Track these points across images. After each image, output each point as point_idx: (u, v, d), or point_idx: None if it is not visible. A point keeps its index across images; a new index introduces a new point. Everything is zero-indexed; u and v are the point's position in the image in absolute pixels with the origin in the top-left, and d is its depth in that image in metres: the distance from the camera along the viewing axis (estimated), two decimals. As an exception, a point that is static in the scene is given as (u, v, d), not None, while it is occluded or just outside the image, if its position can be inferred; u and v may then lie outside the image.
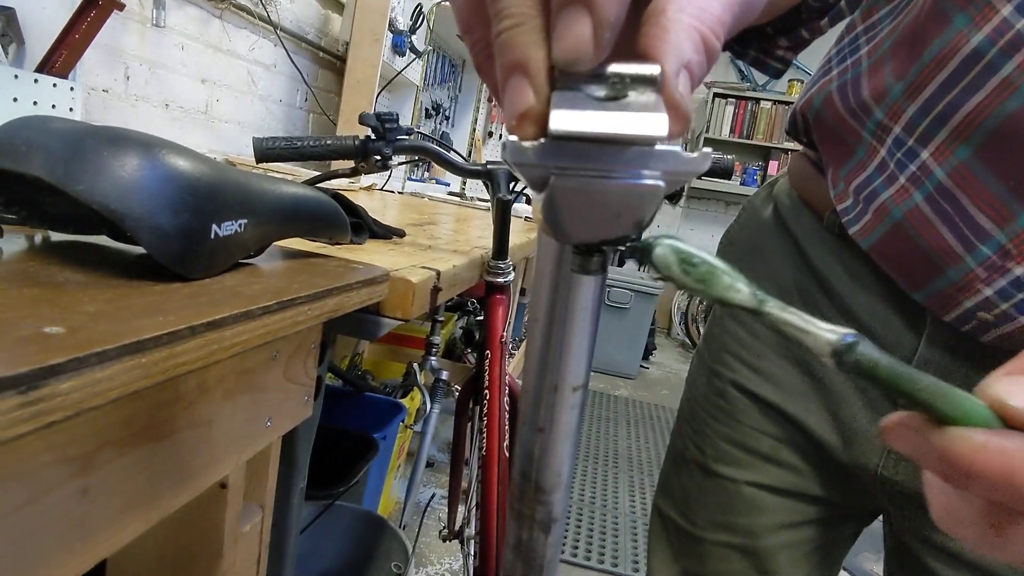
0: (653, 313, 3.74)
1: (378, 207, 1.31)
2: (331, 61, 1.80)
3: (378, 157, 0.78)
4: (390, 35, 1.68)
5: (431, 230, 1.00)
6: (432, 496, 1.72)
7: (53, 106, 0.76)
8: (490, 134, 2.89)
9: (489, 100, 2.83)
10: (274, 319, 0.36)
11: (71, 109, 0.78)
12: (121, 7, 0.77)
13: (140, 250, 0.42)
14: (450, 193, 2.40)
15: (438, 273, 0.63)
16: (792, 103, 0.63)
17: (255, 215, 0.43)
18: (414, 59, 1.87)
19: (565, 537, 1.77)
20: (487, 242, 0.92)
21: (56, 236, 0.43)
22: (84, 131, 0.35)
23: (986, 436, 0.17)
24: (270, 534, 0.50)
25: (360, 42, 1.62)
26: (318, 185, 0.84)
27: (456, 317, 2.24)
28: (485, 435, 0.82)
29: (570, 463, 0.24)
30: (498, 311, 0.86)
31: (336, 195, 0.71)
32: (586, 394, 0.23)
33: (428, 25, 1.94)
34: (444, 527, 1.16)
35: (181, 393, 0.32)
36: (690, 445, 0.57)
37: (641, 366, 3.75)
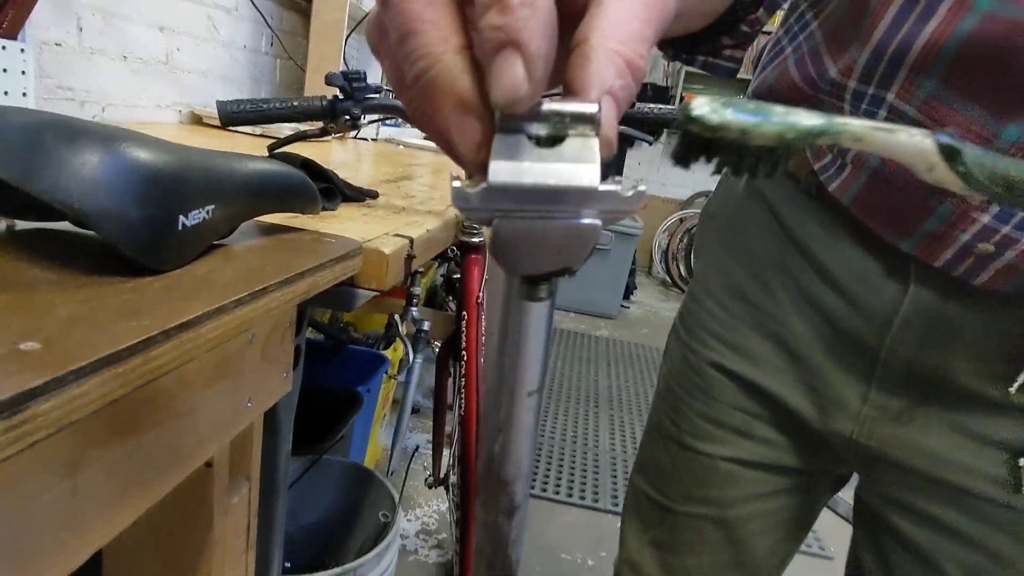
0: (634, 253, 3.77)
1: (351, 160, 1.29)
2: (296, 2, 1.73)
3: (347, 117, 0.77)
4: (357, -26, 1.61)
5: (405, 186, 1.00)
6: (417, 447, 1.77)
7: (5, 70, 0.73)
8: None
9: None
10: (247, 309, 0.37)
11: (23, 72, 0.75)
12: (68, -38, 0.73)
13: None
14: (425, 136, 2.36)
15: (411, 241, 0.63)
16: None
17: (223, 198, 0.43)
18: (383, -1, 1.80)
19: (547, 475, 1.84)
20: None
21: (20, 224, 0.43)
22: (42, 125, 0.35)
23: None
24: (258, 500, 0.52)
25: (325, -16, 1.55)
26: (286, 148, 0.83)
27: (436, 265, 2.25)
28: (464, 394, 0.84)
29: (528, 457, 0.26)
30: (473, 271, 0.87)
31: (305, 162, 0.71)
32: (541, 397, 0.24)
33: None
34: (430, 475, 1.20)
35: (161, 388, 0.33)
36: (666, 420, 0.58)
37: (622, 306, 3.81)
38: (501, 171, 0.17)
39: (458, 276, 1.02)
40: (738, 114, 0.19)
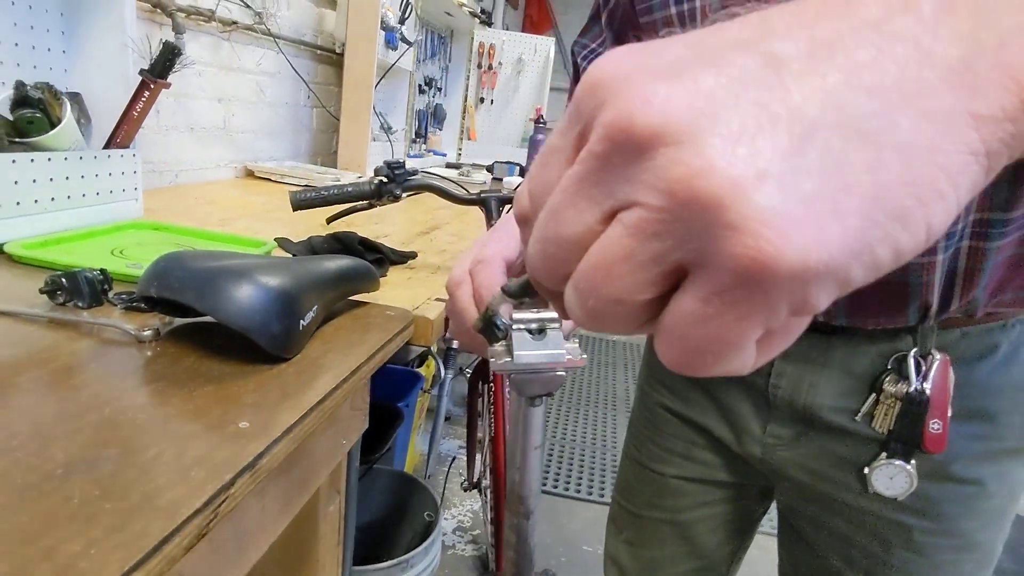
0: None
1: (388, 210, 1.47)
2: (329, 56, 1.92)
3: (390, 196, 0.95)
4: (382, 33, 1.79)
5: (436, 239, 1.18)
6: (453, 458, 1.95)
7: (123, 172, 0.92)
8: (481, 100, 2.99)
9: (479, 67, 2.92)
10: (350, 383, 0.55)
11: (135, 172, 0.94)
12: (168, 86, 0.92)
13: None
14: (448, 165, 2.54)
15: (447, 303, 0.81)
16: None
17: (322, 298, 0.61)
18: (407, 49, 1.98)
19: (570, 474, 2.01)
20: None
21: (180, 321, 0.61)
22: (215, 271, 0.53)
23: None
24: (344, 508, 0.71)
25: (355, 44, 1.74)
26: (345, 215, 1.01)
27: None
28: (492, 413, 1.02)
29: (537, 481, 0.44)
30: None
31: (362, 240, 0.89)
32: (543, 450, 0.42)
33: (416, 13, 2.04)
34: (465, 480, 1.38)
35: (306, 443, 0.51)
36: (631, 447, 0.76)
37: (638, 308, 3.95)
38: (520, 354, 0.34)
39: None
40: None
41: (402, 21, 1.95)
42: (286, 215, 1.15)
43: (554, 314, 0.35)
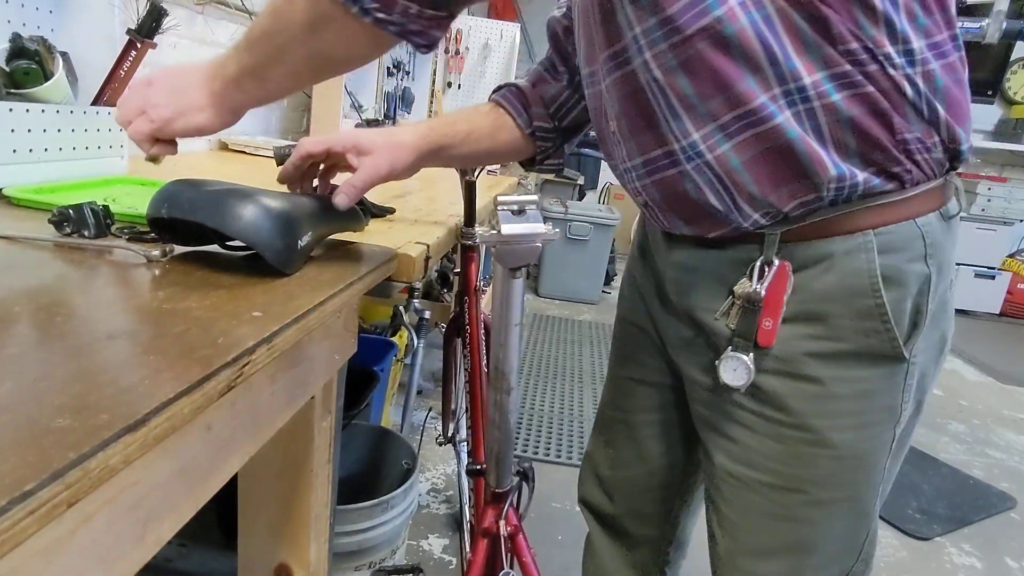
0: (612, 242, 4.02)
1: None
2: (298, 35, 1.95)
3: (370, 153, 1.01)
4: (353, 12, 1.84)
5: (411, 201, 1.24)
6: (425, 416, 2.01)
7: (109, 129, 0.95)
8: (449, 84, 3.04)
9: (446, 52, 2.97)
10: (340, 297, 0.61)
11: (122, 130, 0.98)
12: (155, 46, 0.95)
13: (241, 254, 0.67)
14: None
15: (428, 246, 0.87)
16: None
17: (315, 226, 0.67)
18: (375, 29, 2.02)
19: (538, 440, 2.10)
20: (457, 207, 1.16)
21: (181, 249, 0.66)
22: (223, 193, 0.59)
23: None
24: (335, 427, 0.77)
25: (327, 22, 1.78)
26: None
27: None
28: (469, 359, 1.09)
29: (517, 358, 0.51)
30: (471, 266, 1.11)
31: (345, 191, 0.95)
32: (522, 328, 0.49)
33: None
34: (439, 435, 1.44)
35: (304, 342, 0.57)
36: (609, 359, 0.86)
37: (603, 292, 4.06)
38: (505, 227, 0.41)
39: (456, 271, 1.26)
40: None
41: (371, 2, 1.99)
42: (264, 180, 1.20)
43: (533, 197, 0.42)
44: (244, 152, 1.61)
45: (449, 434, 1.42)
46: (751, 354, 0.59)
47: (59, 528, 0.30)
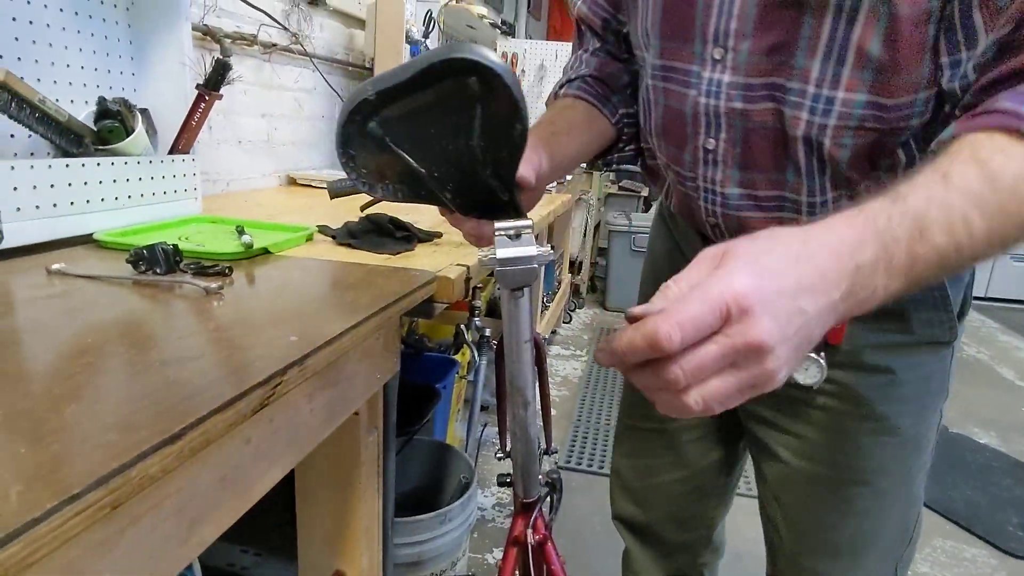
0: (679, 253, 3.95)
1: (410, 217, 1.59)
2: (360, 72, 2.07)
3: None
4: (408, 47, 1.93)
5: (461, 223, 1.29)
6: (481, 432, 2.06)
7: (184, 175, 1.06)
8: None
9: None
10: (378, 318, 0.66)
11: (194, 174, 1.08)
12: (220, 97, 1.05)
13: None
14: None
15: (468, 267, 0.91)
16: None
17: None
18: (430, 60, 2.11)
19: (593, 453, 2.09)
20: (504, 229, 1.20)
21: (240, 283, 0.73)
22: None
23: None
24: (383, 443, 0.81)
25: (383, 59, 1.88)
26: (372, 209, 1.13)
27: (494, 281, 2.54)
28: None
29: (530, 373, 0.53)
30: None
31: (392, 219, 1.01)
32: (531, 344, 0.52)
33: (439, 27, 2.18)
34: (498, 450, 1.47)
35: (342, 361, 0.62)
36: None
37: (672, 303, 3.99)
38: (501, 251, 0.44)
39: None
40: None
41: (426, 35, 2.09)
42: (325, 212, 1.28)
43: (528, 222, 0.45)
44: (311, 186, 1.72)
45: (507, 449, 1.44)
46: (822, 352, 0.59)
47: (109, 528, 0.35)
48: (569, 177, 2.76)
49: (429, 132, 0.44)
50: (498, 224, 0.45)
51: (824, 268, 0.36)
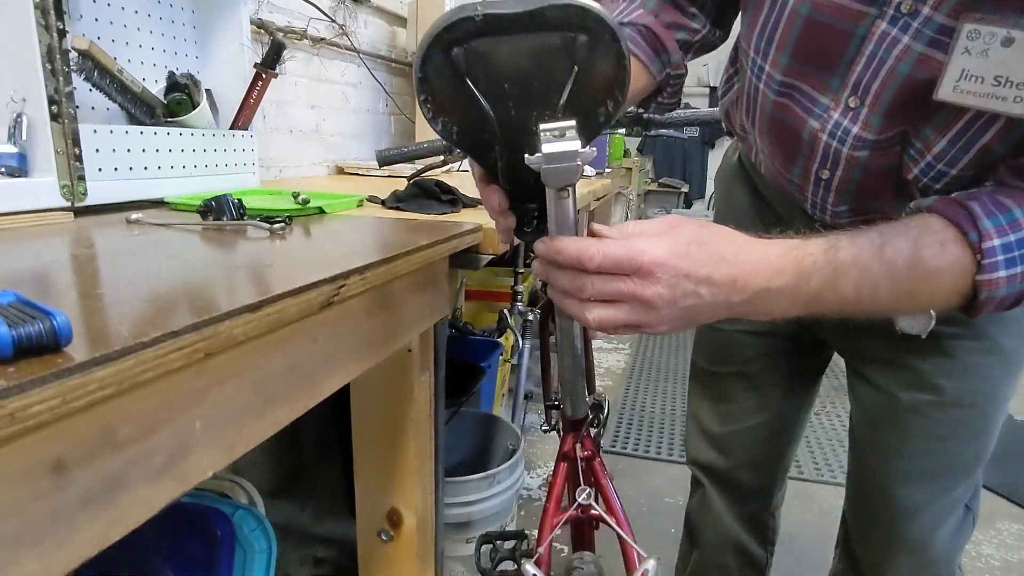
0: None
1: (458, 183, 1.64)
2: (403, 69, 2.14)
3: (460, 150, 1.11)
4: (447, 40, 1.99)
5: (503, 197, 1.32)
6: (524, 411, 2.07)
7: (243, 150, 1.13)
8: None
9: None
10: (429, 251, 0.69)
11: (253, 149, 1.15)
12: (276, 75, 1.12)
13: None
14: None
15: (512, 223, 0.94)
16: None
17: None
18: (469, 54, 2.17)
19: (650, 439, 2.08)
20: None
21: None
22: None
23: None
24: (434, 387, 0.85)
25: (424, 51, 1.95)
26: (423, 175, 1.18)
27: (533, 270, 2.57)
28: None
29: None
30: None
31: (438, 183, 1.05)
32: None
33: (477, 22, 2.23)
34: (544, 423, 1.49)
35: (398, 284, 0.66)
36: None
37: (716, 300, 3.95)
38: (547, 147, 0.47)
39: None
40: None
41: (465, 30, 2.14)
42: (374, 190, 1.34)
43: (572, 122, 0.48)
44: (358, 174, 1.79)
45: (553, 422, 1.46)
46: None
47: (200, 379, 0.39)
48: (609, 169, 2.78)
49: (512, 78, 0.44)
50: (543, 125, 0.48)
51: (737, 276, 0.45)
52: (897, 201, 0.59)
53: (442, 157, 1.13)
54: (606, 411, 0.70)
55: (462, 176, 1.99)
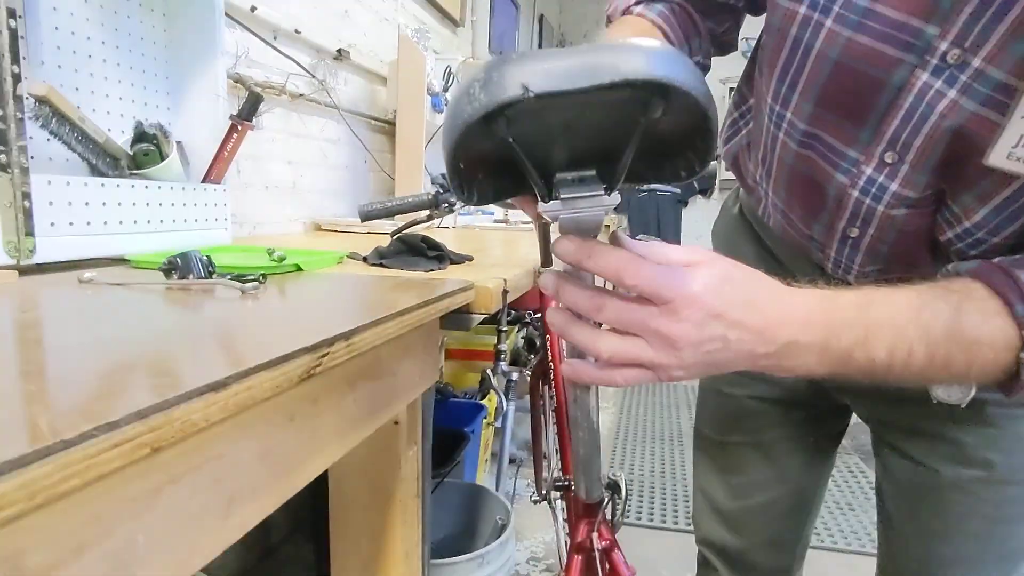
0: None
1: (444, 240, 1.59)
2: (382, 126, 2.12)
3: (446, 204, 1.05)
4: (429, 98, 1.98)
5: (490, 253, 1.27)
6: (515, 476, 1.96)
7: (216, 204, 1.06)
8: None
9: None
10: (420, 312, 0.62)
11: (225, 204, 1.08)
12: (253, 127, 1.07)
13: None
14: (495, 220, 2.68)
15: (505, 280, 0.88)
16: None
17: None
18: (450, 112, 2.16)
19: (640, 506, 1.98)
20: (535, 255, 1.17)
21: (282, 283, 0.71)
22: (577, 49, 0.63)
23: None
24: (422, 461, 0.76)
25: (405, 112, 1.93)
26: (406, 231, 1.12)
27: (517, 329, 2.50)
28: (555, 395, 1.06)
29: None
30: (551, 303, 1.11)
31: (424, 238, 0.99)
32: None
33: (458, 80, 2.24)
34: (533, 493, 1.40)
35: (386, 350, 0.58)
36: (707, 376, 0.80)
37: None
38: (564, 197, 0.41)
39: (538, 336, 1.26)
40: None
41: (446, 88, 2.14)
42: (355, 247, 1.27)
43: (592, 171, 0.42)
44: (336, 231, 1.73)
45: (544, 492, 1.36)
46: None
47: (143, 482, 0.31)
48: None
49: (566, 131, 0.37)
50: (559, 175, 0.43)
51: (766, 326, 0.40)
52: (932, 264, 0.55)
53: (428, 212, 1.08)
54: (624, 492, 0.62)
55: (447, 231, 1.94)
